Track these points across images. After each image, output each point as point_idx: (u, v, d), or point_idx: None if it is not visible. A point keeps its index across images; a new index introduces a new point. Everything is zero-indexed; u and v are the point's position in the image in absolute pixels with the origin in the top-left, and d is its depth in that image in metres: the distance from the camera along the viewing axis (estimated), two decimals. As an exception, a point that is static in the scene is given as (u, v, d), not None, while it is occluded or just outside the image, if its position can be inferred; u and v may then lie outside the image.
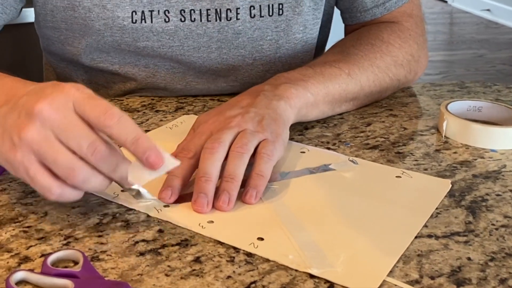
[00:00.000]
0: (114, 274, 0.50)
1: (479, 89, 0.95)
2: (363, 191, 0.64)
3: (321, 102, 0.77)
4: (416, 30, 0.91)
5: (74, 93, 0.52)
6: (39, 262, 0.51)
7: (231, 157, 0.62)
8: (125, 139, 0.52)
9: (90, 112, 0.52)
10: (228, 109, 0.69)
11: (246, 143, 0.63)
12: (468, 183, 0.66)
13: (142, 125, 0.78)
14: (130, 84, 0.88)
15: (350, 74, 0.80)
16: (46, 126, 0.51)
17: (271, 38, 0.86)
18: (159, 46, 0.83)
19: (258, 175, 0.61)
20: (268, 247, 0.54)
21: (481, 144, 0.75)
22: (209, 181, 0.59)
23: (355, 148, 0.74)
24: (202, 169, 0.60)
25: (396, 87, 0.89)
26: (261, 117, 0.67)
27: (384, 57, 0.84)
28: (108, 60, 0.86)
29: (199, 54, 0.85)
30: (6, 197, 0.61)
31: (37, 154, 0.51)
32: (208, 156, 0.61)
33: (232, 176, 0.60)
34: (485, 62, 3.89)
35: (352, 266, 0.51)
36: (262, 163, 0.62)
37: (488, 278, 0.51)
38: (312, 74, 0.77)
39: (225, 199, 0.59)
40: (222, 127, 0.65)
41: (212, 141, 0.62)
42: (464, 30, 4.69)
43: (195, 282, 0.49)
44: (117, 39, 0.82)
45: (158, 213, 0.58)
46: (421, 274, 0.51)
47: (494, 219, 0.60)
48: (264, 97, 0.70)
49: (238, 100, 0.71)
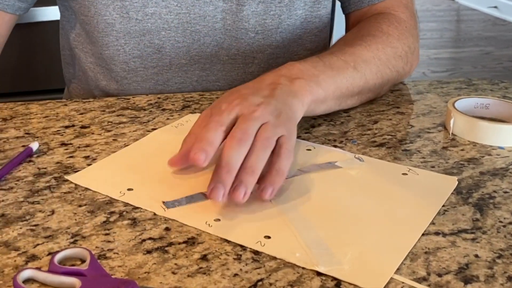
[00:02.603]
0: (121, 272, 0.50)
1: (486, 86, 0.94)
2: (370, 189, 0.64)
3: (330, 98, 0.76)
4: (411, 22, 0.91)
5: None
6: (46, 260, 0.51)
7: (255, 149, 0.61)
8: None
9: None
10: (251, 95, 0.67)
11: (270, 137, 0.62)
12: (476, 180, 0.66)
13: (148, 123, 0.78)
14: (135, 63, 0.90)
15: (356, 67, 0.79)
16: None
17: (274, 12, 0.89)
18: (166, 13, 0.86)
19: (278, 172, 0.60)
20: (275, 245, 0.54)
21: (489, 141, 0.74)
22: (230, 173, 0.58)
23: (362, 145, 0.73)
24: (226, 158, 0.59)
25: (395, 80, 0.88)
26: (279, 112, 0.66)
27: (385, 48, 0.84)
28: (113, 35, 0.88)
29: (204, 23, 0.87)
30: (13, 195, 0.61)
31: None
32: (235, 147, 0.60)
33: (253, 169, 0.59)
34: (492, 60, 3.87)
35: (359, 263, 0.51)
36: (283, 159, 0.61)
37: (495, 275, 0.51)
38: (323, 67, 0.76)
39: (241, 192, 0.58)
40: (248, 112, 0.64)
41: (241, 131, 0.61)
42: (471, 27, 4.67)
43: (202, 280, 0.49)
44: (126, 4, 0.85)
45: (164, 212, 0.58)
46: (429, 271, 0.51)
47: (502, 216, 0.59)
48: (281, 92, 0.69)
49: (258, 88, 0.69)
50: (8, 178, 0.64)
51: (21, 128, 0.76)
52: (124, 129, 0.76)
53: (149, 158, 0.68)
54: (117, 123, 0.78)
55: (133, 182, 0.63)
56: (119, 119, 0.79)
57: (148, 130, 0.76)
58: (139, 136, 0.74)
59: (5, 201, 0.60)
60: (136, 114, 0.81)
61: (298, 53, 0.95)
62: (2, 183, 0.63)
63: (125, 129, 0.76)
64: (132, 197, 0.61)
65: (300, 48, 0.93)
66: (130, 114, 0.81)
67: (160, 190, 0.62)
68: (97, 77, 0.94)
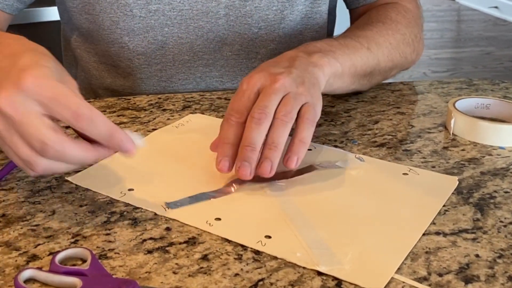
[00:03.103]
0: (122, 272, 0.50)
1: (487, 86, 0.94)
2: (370, 189, 0.64)
3: (346, 74, 0.78)
4: (417, 12, 0.94)
5: (36, 92, 0.51)
6: (47, 260, 0.51)
7: (276, 125, 0.62)
8: (99, 138, 0.54)
9: (60, 116, 0.52)
10: (272, 66, 0.68)
11: (290, 111, 0.63)
12: (476, 180, 0.66)
13: (149, 123, 0.78)
14: (139, 60, 0.90)
15: (370, 48, 0.82)
16: (8, 121, 0.52)
17: (277, 8, 0.90)
18: (170, 9, 0.86)
19: (301, 141, 0.62)
20: (275, 244, 0.54)
21: (489, 141, 0.74)
22: (254, 151, 0.61)
23: (362, 145, 0.73)
24: (248, 138, 0.61)
25: (403, 65, 0.90)
26: (302, 79, 0.67)
27: (395, 34, 0.87)
28: (117, 32, 0.88)
29: (207, 19, 0.88)
30: (14, 195, 0.61)
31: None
32: (255, 126, 0.61)
33: (276, 144, 0.61)
34: (493, 60, 3.87)
35: (360, 263, 0.51)
36: (305, 129, 0.63)
37: (496, 275, 0.51)
38: (338, 45, 0.78)
39: (267, 167, 0.60)
40: (269, 84, 0.64)
41: (259, 110, 0.62)
42: (471, 27, 4.67)
43: (202, 279, 0.49)
44: (130, 2, 0.85)
45: (165, 212, 0.58)
46: (429, 271, 0.51)
47: (502, 216, 0.59)
48: (301, 63, 0.70)
49: (277, 61, 0.70)
50: (9, 178, 0.64)
51: (22, 128, 0.75)
52: (124, 130, 0.76)
53: (150, 159, 0.68)
54: (117, 124, 0.78)
55: (133, 182, 0.63)
56: (119, 119, 0.79)
57: (149, 130, 0.76)
58: (139, 136, 0.74)
59: (6, 201, 0.60)
60: (137, 115, 0.81)
61: None
62: (3, 183, 0.63)
63: (126, 129, 0.76)
64: (133, 197, 0.61)
65: (302, 43, 0.93)
66: (131, 114, 0.81)
67: (161, 190, 0.62)
68: (102, 75, 0.95)
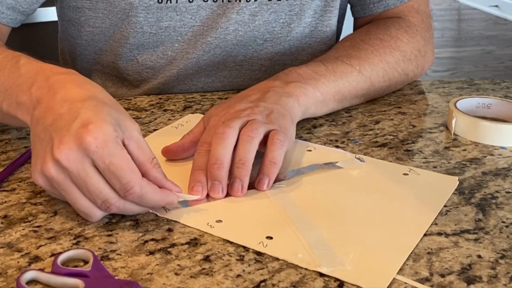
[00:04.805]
0: (124, 273, 0.50)
1: (488, 86, 0.94)
2: (371, 189, 0.64)
3: (331, 101, 0.78)
4: (422, 26, 0.92)
5: (95, 155, 0.52)
6: (49, 261, 0.51)
7: (241, 142, 0.62)
8: (148, 202, 0.55)
9: (111, 183, 0.53)
10: (238, 102, 0.69)
11: (256, 128, 0.63)
12: (478, 180, 0.66)
13: (150, 124, 0.78)
14: (147, 74, 0.89)
15: (361, 71, 0.80)
16: (64, 172, 0.53)
17: (284, 21, 0.88)
18: (180, 26, 0.85)
19: (271, 162, 0.62)
20: (277, 246, 0.54)
21: (491, 141, 0.74)
22: (221, 168, 0.61)
23: (363, 146, 0.73)
24: (214, 155, 0.61)
25: (405, 82, 0.90)
26: (270, 111, 0.68)
27: (393, 52, 0.85)
28: (126, 47, 0.87)
29: (216, 35, 0.87)
30: (15, 197, 0.61)
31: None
32: (219, 141, 0.62)
33: (243, 161, 0.61)
34: (493, 59, 3.87)
35: (362, 264, 0.51)
36: (275, 149, 0.63)
37: (498, 276, 0.51)
38: (324, 71, 0.78)
39: (238, 187, 0.61)
40: (233, 117, 0.65)
41: (223, 126, 0.63)
42: (472, 26, 4.67)
43: (204, 281, 0.49)
44: (141, 20, 0.84)
45: (166, 213, 0.58)
46: (431, 272, 0.51)
47: (504, 216, 0.59)
48: (273, 93, 0.71)
49: (248, 94, 0.72)
50: (10, 179, 0.64)
51: (23, 129, 0.75)
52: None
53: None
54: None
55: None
56: (121, 120, 0.79)
57: (150, 130, 0.76)
58: (141, 137, 0.74)
59: (8, 203, 0.60)
60: (138, 115, 0.81)
61: (307, 61, 0.94)
62: (5, 184, 0.63)
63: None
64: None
65: (310, 56, 0.92)
66: (132, 114, 0.81)
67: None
68: (105, 84, 0.94)
